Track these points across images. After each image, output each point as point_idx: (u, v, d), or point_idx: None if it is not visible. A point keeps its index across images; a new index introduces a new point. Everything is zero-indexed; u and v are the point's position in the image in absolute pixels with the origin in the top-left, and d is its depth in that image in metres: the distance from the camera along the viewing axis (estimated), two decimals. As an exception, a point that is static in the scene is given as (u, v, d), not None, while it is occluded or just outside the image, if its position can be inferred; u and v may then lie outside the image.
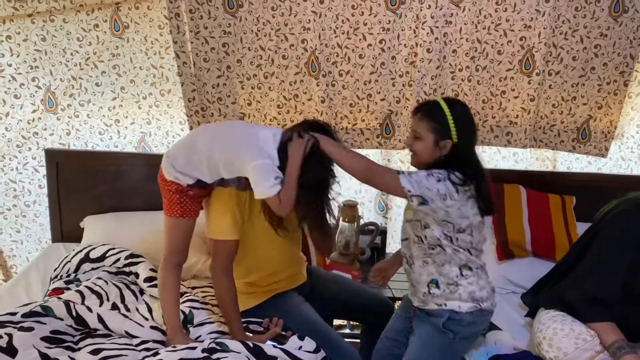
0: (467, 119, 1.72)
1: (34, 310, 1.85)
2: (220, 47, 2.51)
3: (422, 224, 1.74)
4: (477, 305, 1.74)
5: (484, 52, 2.54)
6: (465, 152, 1.69)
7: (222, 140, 1.73)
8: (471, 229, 1.70)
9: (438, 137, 1.68)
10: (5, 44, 2.56)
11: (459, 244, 1.71)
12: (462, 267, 1.74)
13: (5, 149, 2.74)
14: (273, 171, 1.64)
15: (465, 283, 1.74)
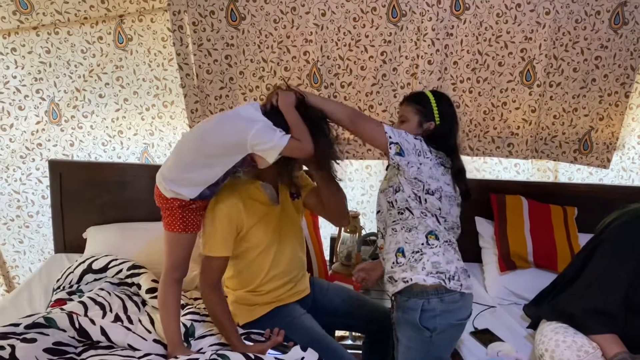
0: (450, 108, 1.85)
1: (37, 322, 1.85)
2: (222, 59, 2.53)
3: (394, 189, 1.77)
4: (441, 281, 1.69)
5: (484, 63, 2.56)
6: (448, 130, 1.81)
7: (209, 133, 1.70)
8: (440, 194, 1.73)
9: (422, 118, 1.81)
10: (10, 56, 2.57)
11: (427, 207, 1.73)
12: (429, 235, 1.73)
13: (9, 160, 2.75)
14: (273, 128, 1.65)
15: (430, 252, 1.72)
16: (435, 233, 1.74)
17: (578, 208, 2.62)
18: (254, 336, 1.94)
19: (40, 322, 1.85)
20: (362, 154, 2.71)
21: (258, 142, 1.63)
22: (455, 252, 1.80)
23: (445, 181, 1.75)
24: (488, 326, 2.16)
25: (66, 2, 2.46)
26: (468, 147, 2.70)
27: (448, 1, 2.43)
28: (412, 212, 1.74)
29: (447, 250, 1.75)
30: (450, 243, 1.78)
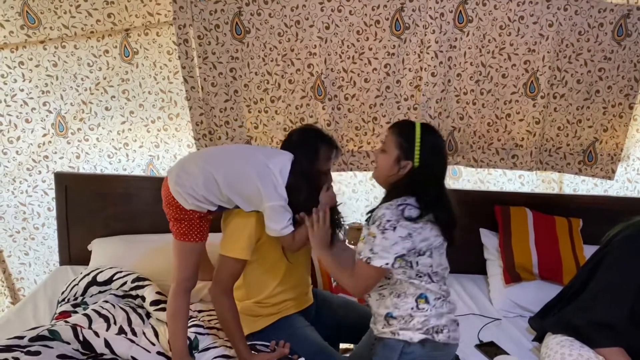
0: (437, 149, 1.69)
1: (41, 334, 1.85)
2: (227, 72, 2.55)
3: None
4: (429, 336, 1.62)
5: (488, 75, 2.57)
6: (424, 179, 1.65)
7: (237, 173, 1.76)
8: (431, 251, 1.63)
9: (401, 154, 1.68)
10: (17, 70, 2.60)
11: (419, 269, 1.63)
12: (419, 299, 1.64)
13: (15, 172, 2.77)
14: (287, 212, 1.75)
15: (421, 315, 1.64)
16: (425, 296, 1.65)
17: (583, 219, 2.61)
18: (259, 347, 1.94)
19: (44, 334, 1.85)
20: (366, 166, 2.72)
21: (267, 214, 1.75)
22: (447, 304, 1.70)
23: (434, 234, 1.64)
24: (493, 339, 2.15)
25: (73, 16, 2.49)
26: (472, 158, 2.70)
27: (451, 14, 2.44)
28: (400, 280, 1.65)
29: (440, 309, 1.67)
30: (441, 298, 1.68)
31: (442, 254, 1.68)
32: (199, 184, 1.74)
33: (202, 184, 1.74)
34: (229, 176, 1.75)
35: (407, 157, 1.67)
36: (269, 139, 2.69)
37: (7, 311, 2.36)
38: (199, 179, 1.75)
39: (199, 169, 1.77)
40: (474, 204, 2.69)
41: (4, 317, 2.24)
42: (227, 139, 2.65)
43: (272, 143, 2.69)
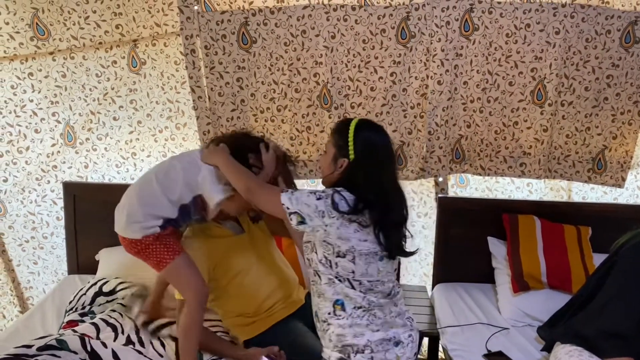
0: (370, 144, 1.63)
1: (49, 344, 1.86)
2: (234, 81, 2.56)
3: (310, 248, 1.64)
4: (345, 355, 1.55)
5: (495, 83, 2.55)
6: (363, 175, 1.58)
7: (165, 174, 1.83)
8: (353, 255, 1.54)
9: (338, 153, 1.65)
10: (27, 81, 2.64)
11: (338, 271, 1.56)
12: (335, 305, 1.57)
13: (25, 182, 2.80)
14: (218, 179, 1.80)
15: (336, 323, 1.58)
16: (342, 302, 1.57)
17: (592, 228, 2.58)
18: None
19: (52, 344, 1.86)
20: (373, 174, 2.71)
21: (205, 189, 1.80)
22: (371, 319, 1.59)
23: (360, 238, 1.55)
24: (501, 348, 2.13)
25: (82, 27, 2.52)
26: (480, 166, 2.69)
27: (457, 22, 2.44)
28: (320, 278, 1.61)
29: (358, 320, 1.58)
30: (366, 309, 1.59)
31: (370, 264, 1.57)
32: (134, 206, 1.79)
33: (137, 203, 1.79)
34: (159, 178, 1.82)
35: (342, 155, 1.63)
36: (276, 148, 2.69)
37: (16, 320, 2.37)
38: (132, 201, 1.81)
39: (127, 196, 1.85)
40: (481, 212, 2.68)
41: (12, 326, 2.26)
42: (234, 148, 2.65)
43: (279, 152, 2.69)
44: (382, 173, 1.61)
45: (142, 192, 1.82)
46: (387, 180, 1.62)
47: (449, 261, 2.72)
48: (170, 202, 1.80)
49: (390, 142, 1.67)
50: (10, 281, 2.92)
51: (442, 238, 2.71)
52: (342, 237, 1.53)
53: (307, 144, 2.68)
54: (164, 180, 1.81)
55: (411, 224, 2.91)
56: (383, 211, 1.56)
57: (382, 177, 1.60)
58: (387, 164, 1.64)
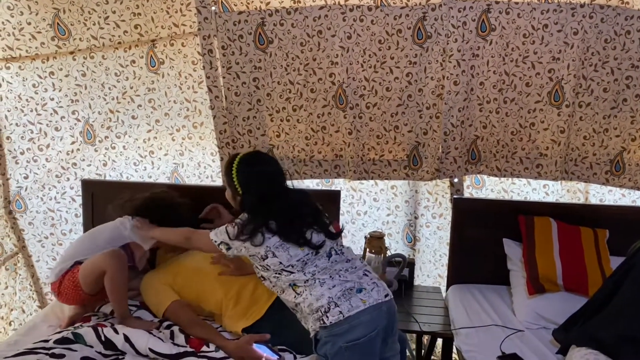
0: (254, 177, 1.93)
1: (66, 337, 1.90)
2: (251, 81, 2.58)
3: (254, 265, 1.92)
4: (321, 320, 1.73)
5: (512, 84, 2.54)
6: (249, 201, 1.89)
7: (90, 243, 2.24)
8: (272, 252, 1.80)
9: (233, 192, 1.97)
10: (48, 80, 2.69)
11: (274, 269, 1.82)
12: (293, 287, 1.81)
13: (45, 179, 2.85)
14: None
15: (301, 300, 1.79)
16: (293, 284, 1.81)
17: (610, 230, 2.54)
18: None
19: (68, 337, 1.91)
20: (388, 174, 2.71)
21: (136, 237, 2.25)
22: (321, 283, 1.78)
23: (268, 237, 1.80)
24: (516, 351, 2.10)
25: (101, 28, 2.56)
26: (496, 167, 2.67)
27: (473, 22, 2.43)
28: (269, 280, 1.87)
29: (312, 288, 1.78)
30: (309, 280, 1.80)
31: (289, 249, 1.81)
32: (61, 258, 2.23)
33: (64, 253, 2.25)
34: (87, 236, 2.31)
35: (236, 193, 1.95)
36: (291, 148, 2.71)
37: (34, 315, 2.42)
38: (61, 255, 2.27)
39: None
40: (497, 213, 2.65)
41: (31, 321, 2.30)
42: (250, 147, 2.68)
43: (294, 151, 2.71)
44: (271, 194, 1.89)
45: (68, 247, 2.26)
46: (281, 191, 1.93)
47: (464, 262, 2.70)
48: (84, 252, 2.18)
49: (269, 164, 2.00)
50: (30, 276, 2.97)
51: (457, 239, 2.69)
52: (256, 244, 1.80)
53: (322, 143, 2.69)
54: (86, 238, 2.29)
55: (426, 225, 2.91)
56: (280, 217, 1.84)
57: (272, 196, 1.89)
58: (271, 188, 1.92)
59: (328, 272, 1.82)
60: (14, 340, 2.09)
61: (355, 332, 1.71)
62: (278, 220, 1.83)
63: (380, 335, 1.76)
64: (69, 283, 2.11)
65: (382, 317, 1.77)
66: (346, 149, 2.65)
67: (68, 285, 2.12)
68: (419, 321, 2.43)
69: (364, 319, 1.73)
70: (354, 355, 1.71)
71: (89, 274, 2.09)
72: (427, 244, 2.94)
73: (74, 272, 2.12)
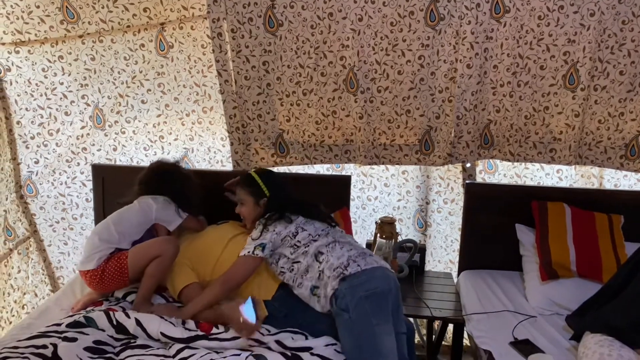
0: (274, 179, 2.27)
1: (78, 321, 1.91)
2: (260, 65, 2.55)
3: (273, 262, 2.10)
4: (340, 274, 1.89)
5: (526, 67, 2.50)
6: (281, 197, 2.21)
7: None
8: (301, 227, 2.08)
9: (256, 198, 2.21)
10: (57, 64, 2.67)
11: (304, 243, 2.04)
12: (317, 258, 2.00)
13: (55, 164, 2.85)
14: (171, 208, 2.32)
15: (325, 264, 1.96)
16: (317, 252, 2.01)
17: (625, 216, 2.51)
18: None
19: (80, 321, 1.91)
20: (399, 159, 2.69)
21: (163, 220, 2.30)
22: (340, 246, 2.02)
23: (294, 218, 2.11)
24: (528, 336, 2.09)
25: (110, 11, 2.54)
26: (509, 152, 2.64)
27: (487, 4, 2.38)
28: (299, 261, 2.03)
29: (333, 250, 2.00)
30: (332, 243, 2.03)
31: (313, 223, 2.13)
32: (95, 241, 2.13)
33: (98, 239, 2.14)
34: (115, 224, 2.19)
35: (260, 196, 2.21)
36: (301, 132, 2.69)
37: (47, 299, 2.43)
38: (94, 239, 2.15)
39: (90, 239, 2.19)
40: (509, 199, 2.63)
41: (43, 305, 2.31)
42: (260, 132, 2.67)
43: (304, 136, 2.69)
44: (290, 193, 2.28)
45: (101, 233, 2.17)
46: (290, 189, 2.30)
47: (476, 248, 2.68)
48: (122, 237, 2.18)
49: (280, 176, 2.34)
50: (42, 260, 2.99)
51: (469, 225, 2.67)
52: (286, 226, 2.08)
53: (333, 128, 2.67)
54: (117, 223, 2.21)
55: (437, 210, 2.89)
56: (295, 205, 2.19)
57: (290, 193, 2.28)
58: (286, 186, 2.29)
59: (345, 239, 2.09)
60: (27, 323, 2.11)
61: (372, 282, 1.87)
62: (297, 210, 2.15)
63: (391, 297, 1.90)
64: (115, 269, 2.10)
65: (390, 281, 1.93)
66: (357, 133, 2.62)
67: (113, 271, 2.10)
68: (430, 307, 2.42)
69: (378, 274, 1.92)
70: (372, 304, 1.83)
71: (142, 258, 2.11)
72: (438, 229, 2.91)
73: (119, 258, 2.11)
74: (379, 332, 1.80)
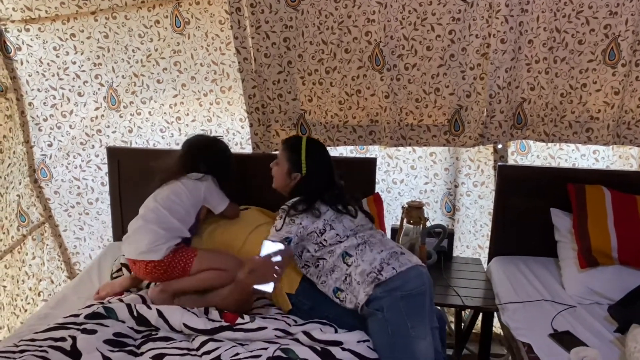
0: (320, 159, 2.06)
1: (97, 312, 1.84)
2: (281, 42, 2.44)
3: (298, 253, 1.97)
4: (374, 279, 1.78)
5: (563, 42, 2.35)
6: (315, 185, 2.01)
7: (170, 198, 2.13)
8: (329, 225, 1.93)
9: (292, 168, 2.04)
10: (69, 42, 2.57)
11: (330, 242, 1.91)
12: (344, 259, 1.88)
13: (69, 146, 2.76)
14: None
15: (353, 268, 1.84)
16: (345, 253, 1.89)
17: (668, 199, 2.38)
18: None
19: (100, 312, 1.85)
20: (427, 141, 2.57)
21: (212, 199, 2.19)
22: (371, 247, 1.89)
23: (323, 212, 1.95)
24: (568, 328, 1.98)
25: (124, -15, 2.42)
26: (543, 132, 2.50)
27: (524, -26, 2.24)
28: (324, 259, 1.91)
29: (363, 253, 1.87)
30: (361, 245, 1.90)
31: (342, 220, 1.97)
32: (156, 232, 2.02)
33: (159, 229, 2.02)
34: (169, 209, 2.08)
35: (296, 170, 2.04)
36: (323, 113, 2.58)
37: (64, 287, 2.36)
38: (152, 228, 2.03)
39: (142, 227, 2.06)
40: (543, 181, 2.51)
41: (60, 293, 2.24)
42: (280, 113, 2.57)
43: (327, 117, 2.58)
44: (330, 181, 2.06)
45: (158, 222, 2.05)
46: (331, 178, 2.07)
47: (508, 233, 2.57)
48: (182, 224, 2.09)
49: (328, 152, 2.13)
50: (58, 246, 2.93)
51: (501, 209, 2.56)
52: (314, 220, 1.93)
53: (357, 108, 2.55)
54: (172, 209, 2.08)
55: (466, 194, 2.77)
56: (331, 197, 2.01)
57: (330, 182, 2.06)
58: (332, 173, 2.08)
59: (375, 239, 1.95)
60: (43, 313, 2.05)
61: (408, 284, 1.78)
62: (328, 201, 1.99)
63: (427, 294, 1.83)
64: (181, 264, 2.03)
65: (426, 279, 1.84)
66: (382, 113, 2.51)
67: (179, 266, 2.03)
68: (460, 295, 2.31)
69: (413, 274, 1.81)
70: (408, 304, 1.75)
71: (209, 264, 2.06)
72: (467, 213, 2.80)
73: (187, 254, 2.04)
74: (414, 336, 1.73)
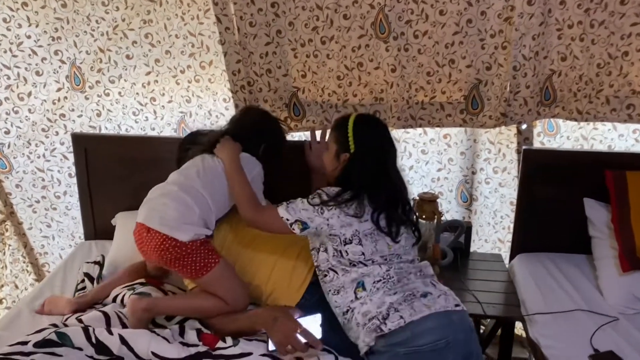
0: (371, 134, 1.77)
1: (48, 339, 1.58)
2: (268, 7, 2.15)
3: (317, 249, 1.71)
4: (376, 328, 1.51)
5: (602, 2, 2.03)
6: (362, 165, 1.71)
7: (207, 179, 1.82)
8: (359, 238, 1.63)
9: (340, 149, 1.77)
10: (21, 12, 2.30)
11: (350, 258, 1.63)
12: (357, 289, 1.62)
13: (30, 133, 2.51)
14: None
15: (358, 304, 1.60)
16: (362, 283, 1.62)
17: None
18: None
19: (52, 338, 1.59)
20: (440, 121, 2.26)
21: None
22: (390, 287, 1.60)
23: (361, 220, 1.64)
24: (611, 346, 1.69)
25: (80, -57, 2.09)
26: (575, 109, 2.18)
27: None
28: (336, 272, 1.66)
29: (376, 291, 1.60)
30: (382, 282, 1.61)
31: (378, 241, 1.65)
32: (190, 207, 1.73)
33: (194, 205, 1.73)
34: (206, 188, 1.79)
35: (344, 150, 1.76)
36: (320, 90, 2.30)
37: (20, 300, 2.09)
38: (186, 201, 1.74)
39: (174, 195, 1.76)
40: (576, 167, 2.21)
41: (15, 308, 1.97)
42: (270, 91, 2.29)
43: (324, 95, 2.30)
44: (384, 164, 1.74)
45: (195, 197, 1.76)
46: (392, 166, 1.76)
47: (533, 227, 2.29)
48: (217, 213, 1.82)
49: (387, 130, 1.81)
50: (22, 246, 2.69)
51: (526, 199, 2.27)
52: (344, 224, 1.63)
53: (359, 84, 2.27)
54: (210, 190, 1.79)
55: (485, 181, 2.45)
56: (387, 195, 1.69)
57: (383, 167, 1.73)
58: (387, 156, 1.76)
59: (398, 275, 1.64)
60: (-8, 337, 1.76)
61: (419, 338, 1.48)
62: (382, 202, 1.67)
63: (453, 351, 1.48)
64: (200, 262, 1.72)
65: (453, 329, 1.51)
66: (388, 90, 2.22)
67: (197, 261, 1.72)
68: (480, 301, 2.01)
69: (429, 325, 1.49)
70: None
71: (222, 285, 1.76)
72: (485, 203, 2.50)
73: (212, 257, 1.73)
74: None
